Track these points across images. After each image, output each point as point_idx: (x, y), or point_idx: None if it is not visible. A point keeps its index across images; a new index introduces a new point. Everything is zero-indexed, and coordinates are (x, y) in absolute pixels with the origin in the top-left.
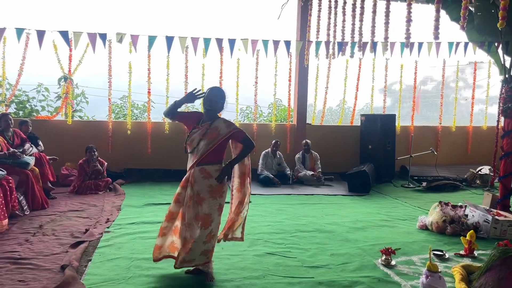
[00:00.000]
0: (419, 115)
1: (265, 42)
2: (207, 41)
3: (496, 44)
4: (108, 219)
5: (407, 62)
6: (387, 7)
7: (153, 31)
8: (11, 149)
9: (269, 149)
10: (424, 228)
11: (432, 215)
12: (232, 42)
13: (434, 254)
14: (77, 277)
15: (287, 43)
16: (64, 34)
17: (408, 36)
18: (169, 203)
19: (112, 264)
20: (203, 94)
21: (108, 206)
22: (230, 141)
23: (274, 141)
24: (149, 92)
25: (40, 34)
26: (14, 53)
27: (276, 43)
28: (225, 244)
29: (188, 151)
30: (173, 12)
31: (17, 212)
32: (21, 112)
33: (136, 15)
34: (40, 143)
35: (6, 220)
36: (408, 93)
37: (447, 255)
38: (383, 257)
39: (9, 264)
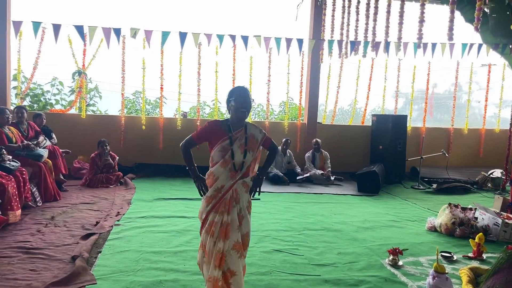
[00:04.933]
0: (431, 118)
1: (278, 40)
2: (220, 38)
3: (510, 46)
4: (118, 212)
5: (420, 63)
6: (401, 7)
7: (167, 27)
8: (25, 142)
9: (280, 147)
10: (433, 229)
11: (441, 217)
12: (245, 38)
13: (442, 255)
14: (87, 268)
15: (300, 41)
16: (79, 29)
17: (420, 37)
18: (179, 198)
19: (121, 257)
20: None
21: (119, 200)
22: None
23: (284, 139)
24: (161, 88)
25: (56, 28)
26: (29, 47)
27: (288, 41)
28: None
29: (236, 168)
30: (187, 8)
31: (30, 203)
32: (35, 105)
33: (150, 10)
34: (54, 136)
35: (19, 211)
36: (420, 94)
37: (455, 257)
38: (391, 257)
39: (21, 254)
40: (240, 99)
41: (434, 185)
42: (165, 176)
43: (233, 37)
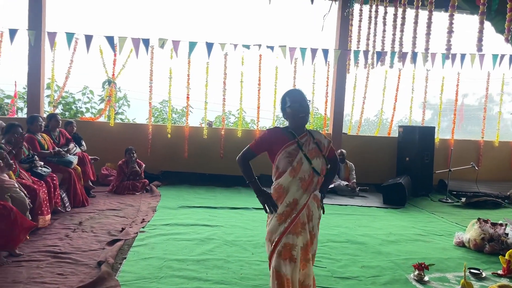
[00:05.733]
0: (460, 130)
1: (303, 50)
2: (246, 47)
3: None
4: (143, 219)
5: (449, 74)
6: (429, 18)
7: (194, 37)
8: (57, 148)
9: None
10: (461, 245)
11: (470, 232)
12: (271, 48)
13: (470, 272)
14: (112, 274)
15: (325, 52)
16: (110, 39)
17: (449, 47)
18: (203, 206)
19: (145, 263)
20: None
21: (144, 207)
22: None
23: None
24: (188, 98)
25: (88, 39)
26: (63, 57)
27: (314, 51)
28: (256, 250)
29: (319, 172)
30: (214, 19)
31: (59, 208)
32: (67, 113)
33: (178, 22)
34: (83, 143)
35: (49, 216)
36: (449, 105)
37: (484, 274)
38: (416, 272)
39: (50, 258)
40: (295, 104)
41: (463, 199)
42: (190, 184)
43: (259, 47)
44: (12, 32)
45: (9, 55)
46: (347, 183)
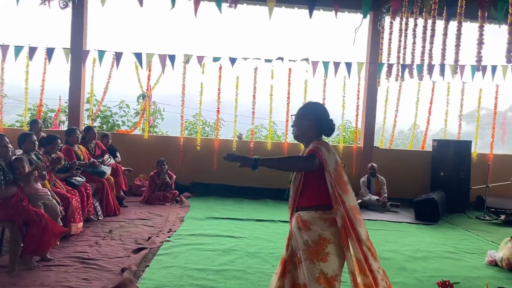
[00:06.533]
0: (505, 144)
1: (326, 64)
2: (268, 61)
3: None
4: (170, 229)
5: (489, 86)
6: (458, 29)
7: (219, 52)
8: (92, 159)
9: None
10: (494, 264)
11: (503, 251)
12: (293, 62)
13: None
14: (134, 281)
15: (348, 65)
16: (138, 56)
17: (479, 59)
18: (230, 218)
19: (166, 272)
20: None
21: (173, 217)
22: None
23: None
24: (218, 111)
25: (118, 55)
26: (101, 73)
27: (336, 64)
28: (277, 262)
29: (288, 193)
30: (242, 34)
31: (92, 216)
32: (104, 126)
33: (205, 38)
34: (118, 155)
35: (81, 223)
36: (492, 119)
37: None
38: None
39: (78, 263)
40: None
41: (502, 216)
42: (219, 196)
43: (282, 60)
44: (50, 51)
45: (54, 71)
46: (378, 197)
